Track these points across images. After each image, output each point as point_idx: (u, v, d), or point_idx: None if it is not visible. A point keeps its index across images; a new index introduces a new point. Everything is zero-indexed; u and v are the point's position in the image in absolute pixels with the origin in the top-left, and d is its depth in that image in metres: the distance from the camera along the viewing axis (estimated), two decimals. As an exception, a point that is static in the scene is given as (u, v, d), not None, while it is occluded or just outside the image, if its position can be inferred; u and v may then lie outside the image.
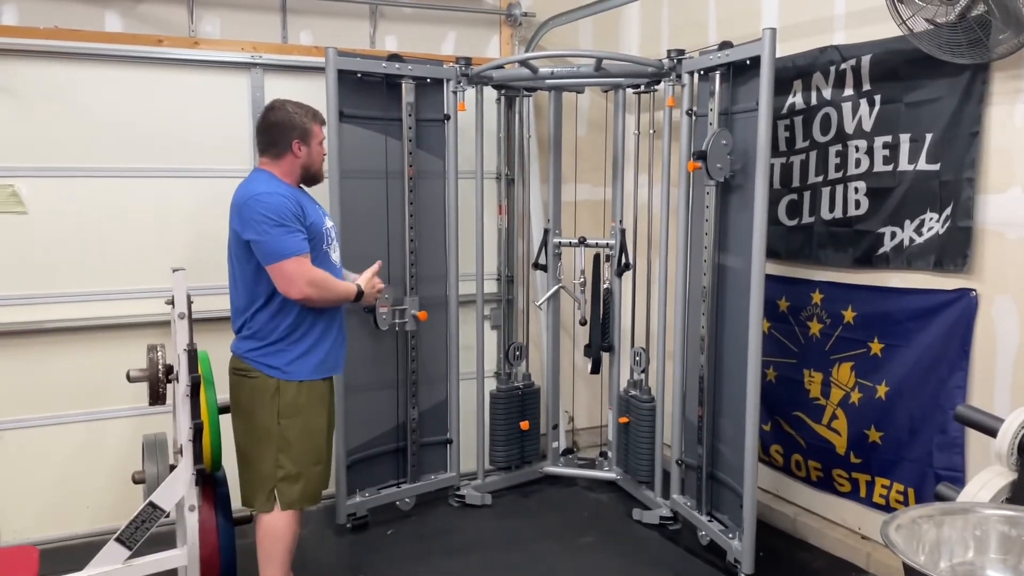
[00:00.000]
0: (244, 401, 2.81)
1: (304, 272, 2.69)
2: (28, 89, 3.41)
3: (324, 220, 2.89)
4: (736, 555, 3.23)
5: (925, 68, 2.94)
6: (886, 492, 3.25)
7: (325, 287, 2.75)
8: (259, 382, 2.77)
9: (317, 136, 2.89)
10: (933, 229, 3.00)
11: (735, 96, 3.33)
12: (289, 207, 2.70)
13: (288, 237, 2.67)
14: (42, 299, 3.49)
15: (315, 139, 2.89)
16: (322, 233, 2.82)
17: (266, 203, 2.69)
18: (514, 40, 4.39)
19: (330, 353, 2.87)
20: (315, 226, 2.80)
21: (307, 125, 2.87)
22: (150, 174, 3.63)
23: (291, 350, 2.78)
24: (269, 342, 2.77)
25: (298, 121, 2.85)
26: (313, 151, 2.88)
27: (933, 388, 3.04)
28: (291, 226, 2.68)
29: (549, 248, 4.14)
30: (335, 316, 2.90)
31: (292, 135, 2.83)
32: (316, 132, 2.89)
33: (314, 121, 2.89)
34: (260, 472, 2.81)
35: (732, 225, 3.37)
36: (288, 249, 2.67)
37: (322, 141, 2.92)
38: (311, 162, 2.88)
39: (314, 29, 3.96)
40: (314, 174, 2.92)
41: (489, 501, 4.00)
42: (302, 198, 2.82)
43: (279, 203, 2.69)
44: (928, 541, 1.62)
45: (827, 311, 3.43)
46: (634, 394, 3.99)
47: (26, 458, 3.52)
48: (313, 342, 2.81)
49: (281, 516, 2.83)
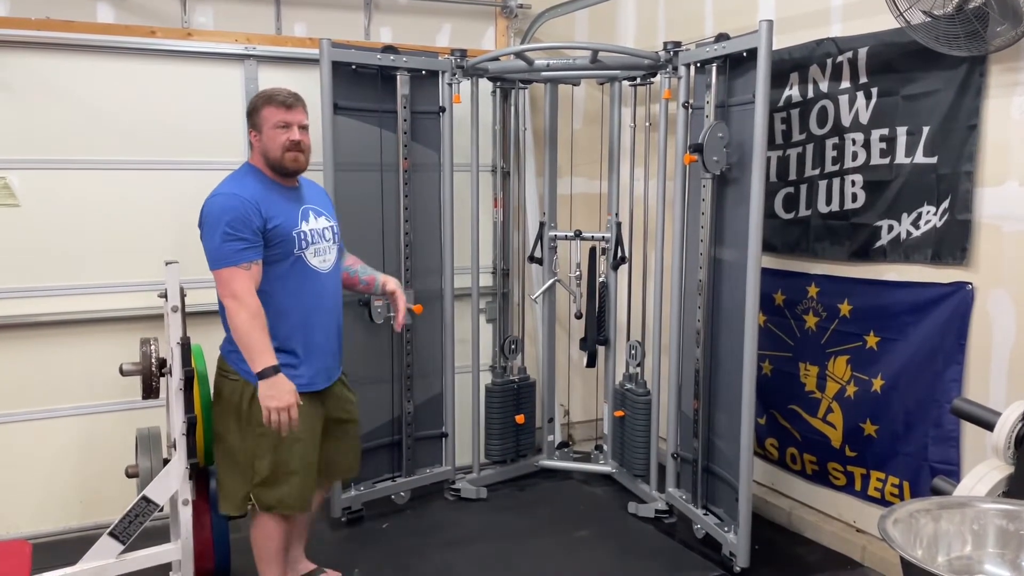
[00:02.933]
0: (224, 401, 2.70)
1: (235, 285, 2.50)
2: (19, 81, 3.39)
3: (298, 223, 2.65)
4: (731, 548, 3.23)
5: (922, 61, 2.93)
6: (881, 485, 3.25)
7: (251, 313, 2.50)
8: (237, 384, 2.65)
9: (269, 119, 2.61)
10: (930, 222, 3.00)
11: (731, 89, 3.32)
12: (237, 211, 2.51)
13: (227, 244, 2.51)
14: (34, 292, 3.47)
15: (267, 123, 2.62)
16: (291, 237, 2.62)
17: (214, 204, 2.57)
18: (510, 32, 4.37)
19: (314, 365, 2.70)
20: (280, 229, 2.59)
21: (258, 109, 2.64)
22: (143, 166, 3.60)
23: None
24: None
25: (250, 108, 2.68)
26: (266, 136, 2.63)
27: (929, 381, 3.04)
28: (237, 235, 2.50)
29: (545, 241, 4.13)
30: (323, 322, 2.73)
31: (248, 124, 2.68)
32: (268, 115, 2.61)
33: (267, 104, 2.63)
34: (238, 475, 2.70)
35: (728, 218, 3.36)
36: (225, 257, 2.51)
37: (280, 124, 2.62)
38: (266, 150, 2.64)
39: (308, 20, 3.93)
40: (272, 162, 2.64)
41: (484, 495, 3.99)
42: (268, 198, 2.60)
43: (225, 206, 2.53)
44: (926, 535, 1.62)
45: (823, 304, 3.42)
46: (630, 387, 3.99)
47: (18, 452, 3.51)
48: (299, 355, 2.67)
49: (266, 520, 2.73)
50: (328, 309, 2.78)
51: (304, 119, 2.71)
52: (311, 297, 2.70)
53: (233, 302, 2.51)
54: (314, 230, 2.73)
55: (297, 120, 2.67)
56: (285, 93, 2.68)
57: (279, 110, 2.63)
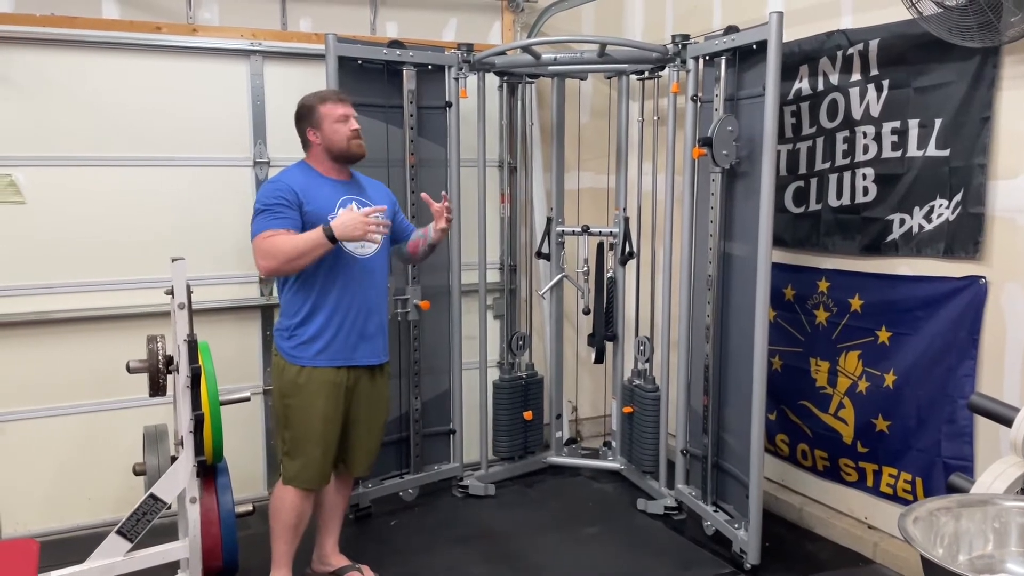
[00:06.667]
0: (274, 378, 2.96)
1: (258, 248, 2.74)
2: (24, 77, 3.37)
3: (334, 210, 2.82)
4: (742, 545, 3.21)
5: (934, 52, 2.90)
6: (893, 482, 3.23)
7: (275, 251, 2.71)
8: (278, 360, 2.91)
9: (328, 115, 2.85)
10: (943, 216, 2.97)
11: (741, 82, 3.29)
12: (278, 191, 2.77)
13: (258, 219, 2.76)
14: (41, 290, 3.46)
15: (326, 119, 2.85)
16: (324, 223, 2.74)
17: (261, 190, 2.86)
18: (516, 26, 4.34)
19: (334, 340, 2.85)
20: (313, 215, 2.78)
21: (314, 109, 2.87)
22: (149, 162, 3.58)
23: (299, 334, 2.84)
24: (284, 323, 2.88)
25: (304, 110, 2.90)
26: (326, 131, 2.85)
27: (942, 376, 3.01)
28: (270, 209, 2.74)
29: (552, 237, 4.10)
30: (349, 303, 2.85)
31: (303, 125, 2.90)
32: (326, 112, 2.85)
33: (322, 103, 2.86)
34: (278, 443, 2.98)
35: (738, 213, 3.34)
36: (255, 230, 2.76)
37: (340, 118, 2.85)
38: (330, 143, 2.86)
39: (314, 15, 3.91)
40: (339, 153, 2.88)
41: (492, 491, 3.98)
42: (308, 185, 2.82)
43: (268, 188, 2.81)
44: (946, 534, 1.59)
45: (834, 299, 3.40)
46: (638, 383, 3.97)
47: (27, 450, 3.50)
48: (318, 328, 2.83)
49: (284, 491, 2.91)
50: (363, 292, 2.90)
51: (354, 112, 2.93)
52: (344, 279, 2.85)
53: (263, 260, 2.74)
54: None
55: (353, 113, 2.92)
56: (333, 91, 2.98)
57: (337, 105, 2.87)
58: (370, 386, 2.99)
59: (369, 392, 2.98)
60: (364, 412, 2.98)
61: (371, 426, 3.04)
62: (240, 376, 3.71)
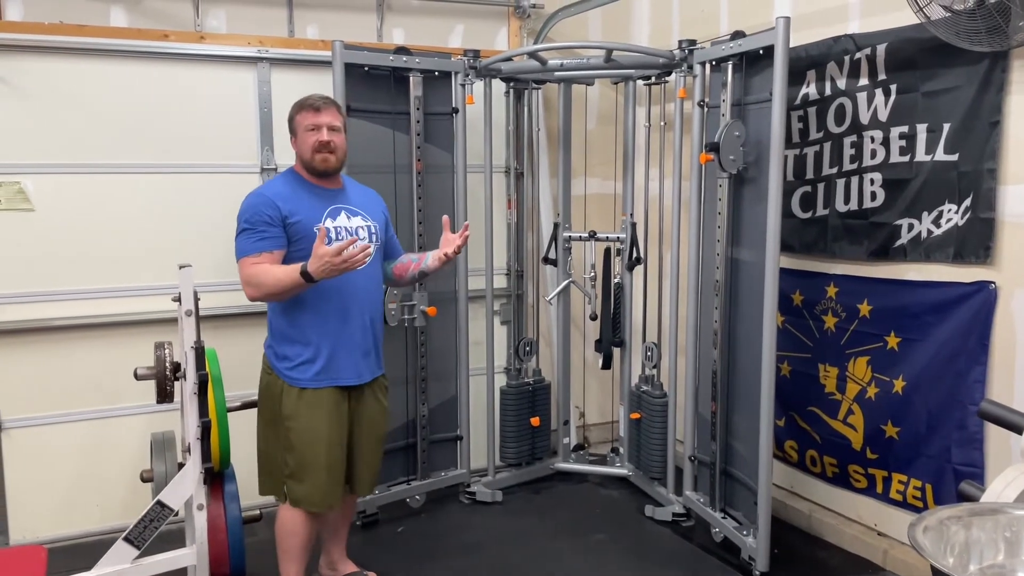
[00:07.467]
0: (263, 394, 2.85)
1: (243, 273, 2.67)
2: (33, 85, 3.39)
3: (321, 220, 2.71)
4: (750, 552, 3.19)
5: (942, 57, 2.89)
6: (903, 488, 3.21)
7: (258, 282, 2.63)
8: (272, 379, 2.79)
9: (301, 123, 2.74)
10: (952, 221, 2.95)
11: (748, 87, 3.28)
12: (259, 207, 2.67)
13: (241, 239, 2.68)
14: (49, 296, 3.47)
15: (300, 127, 2.75)
16: (311, 233, 2.63)
17: (243, 203, 2.74)
18: (523, 32, 4.34)
19: (332, 360, 2.75)
20: (300, 225, 2.68)
21: (293, 117, 2.79)
22: (157, 170, 3.60)
23: (294, 355, 2.74)
24: (279, 345, 2.78)
25: (289, 117, 2.82)
26: (300, 140, 2.76)
27: (951, 382, 2.99)
28: (253, 229, 2.65)
29: (559, 242, 4.10)
30: (344, 320, 2.76)
31: (289, 132, 2.84)
32: (300, 120, 2.75)
33: (299, 110, 2.77)
34: (275, 465, 2.83)
35: (745, 218, 3.33)
36: (239, 251, 2.69)
37: (310, 127, 2.73)
38: (300, 152, 2.77)
39: (321, 22, 3.92)
40: (307, 164, 2.76)
41: (500, 498, 3.97)
42: (294, 196, 2.72)
43: (249, 203, 2.71)
44: (957, 543, 1.57)
45: (842, 305, 3.38)
46: (646, 389, 3.95)
47: (35, 456, 3.51)
48: (315, 350, 2.73)
49: (291, 512, 2.82)
50: (356, 304, 2.80)
51: (334, 120, 2.78)
52: (336, 292, 2.73)
53: (247, 288, 2.67)
54: (343, 227, 2.78)
55: (326, 122, 2.75)
56: (316, 97, 2.79)
57: (309, 114, 2.74)
58: (370, 401, 2.91)
59: (369, 408, 2.90)
60: (365, 429, 2.90)
61: (372, 443, 2.95)
62: (247, 383, 3.68)
